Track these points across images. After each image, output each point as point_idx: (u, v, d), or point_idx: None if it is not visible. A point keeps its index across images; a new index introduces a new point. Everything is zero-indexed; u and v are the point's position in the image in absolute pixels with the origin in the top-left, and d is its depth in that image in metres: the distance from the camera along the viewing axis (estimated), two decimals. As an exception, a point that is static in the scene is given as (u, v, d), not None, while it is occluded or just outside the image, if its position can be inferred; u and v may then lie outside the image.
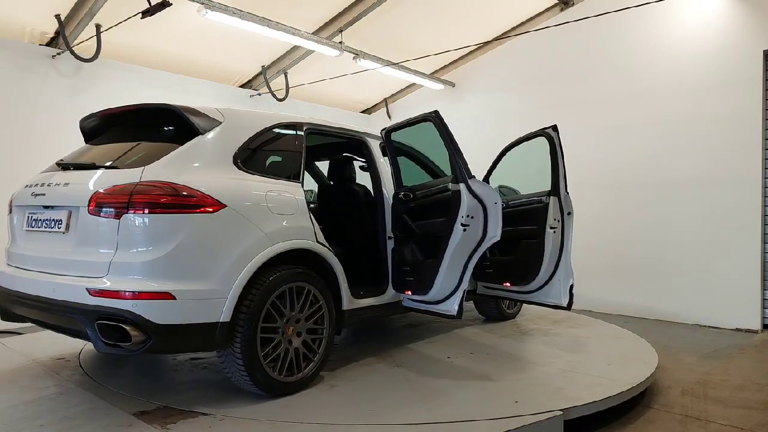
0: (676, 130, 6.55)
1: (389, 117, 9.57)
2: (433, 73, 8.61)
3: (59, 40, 6.04)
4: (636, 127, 6.88)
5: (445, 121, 3.58)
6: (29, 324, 3.34)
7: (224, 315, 2.79)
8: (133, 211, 2.70)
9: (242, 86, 8.07)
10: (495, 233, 3.50)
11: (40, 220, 3.15)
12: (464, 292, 3.50)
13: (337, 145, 4.83)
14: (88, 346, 4.14)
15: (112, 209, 2.75)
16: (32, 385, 3.32)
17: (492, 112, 8.34)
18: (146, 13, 5.36)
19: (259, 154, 3.25)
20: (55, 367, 3.64)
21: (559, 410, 2.93)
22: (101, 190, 2.81)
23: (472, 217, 3.43)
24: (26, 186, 3.35)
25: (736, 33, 6.15)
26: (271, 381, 3.00)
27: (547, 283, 4.36)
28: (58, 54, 6.17)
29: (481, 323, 5.14)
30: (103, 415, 2.80)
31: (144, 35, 6.39)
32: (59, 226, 3.00)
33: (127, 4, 5.56)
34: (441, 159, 4.83)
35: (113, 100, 6.55)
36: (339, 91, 8.71)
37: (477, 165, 5.26)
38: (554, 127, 4.40)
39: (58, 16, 5.80)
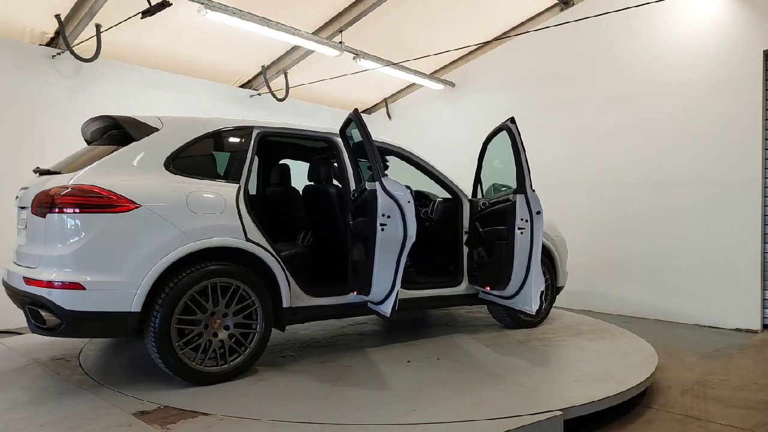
0: (676, 130, 6.55)
1: (389, 117, 9.58)
2: (433, 73, 8.62)
3: (59, 40, 6.04)
4: (636, 126, 6.88)
5: (363, 120, 3.57)
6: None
7: (134, 305, 3.04)
8: (54, 211, 3.07)
9: (242, 86, 8.08)
10: (412, 233, 3.47)
11: (20, 219, 3.57)
12: (397, 293, 3.48)
13: (311, 147, 4.86)
14: (88, 346, 4.18)
15: (42, 209, 3.14)
16: (32, 385, 3.32)
17: (492, 112, 8.31)
18: (146, 13, 5.36)
19: (192, 157, 3.48)
20: (55, 367, 3.64)
21: (559, 410, 2.93)
22: (39, 193, 3.21)
23: (389, 217, 3.41)
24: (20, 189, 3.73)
25: (736, 33, 6.15)
26: (187, 369, 3.20)
27: (521, 288, 4.18)
28: (58, 54, 6.17)
29: (494, 330, 4.82)
30: (103, 415, 2.79)
31: (144, 35, 6.39)
32: (23, 224, 3.43)
33: (127, 4, 5.56)
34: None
35: (113, 100, 6.60)
36: (339, 91, 8.71)
37: (475, 164, 5.26)
38: (512, 119, 4.19)
39: (58, 16, 5.80)
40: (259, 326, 3.45)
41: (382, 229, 3.39)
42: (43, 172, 3.52)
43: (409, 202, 3.45)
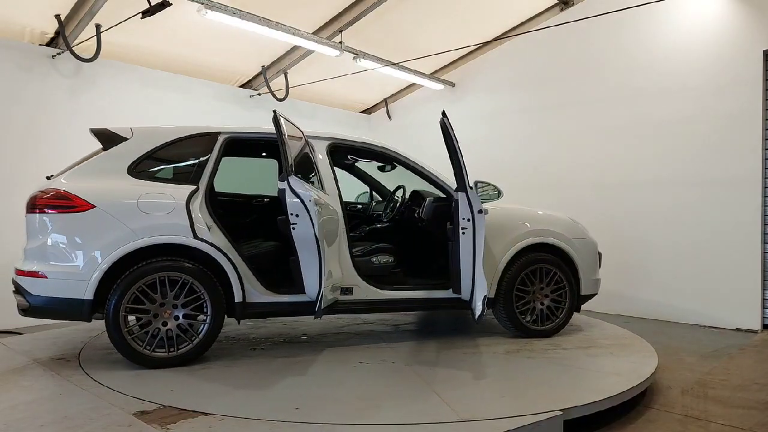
0: (676, 130, 6.55)
1: (389, 117, 9.58)
2: (433, 73, 8.61)
3: (59, 40, 6.04)
4: (636, 126, 6.88)
5: (280, 120, 3.60)
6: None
7: (87, 294, 3.47)
8: (34, 212, 3.60)
9: (242, 86, 8.08)
10: (318, 232, 3.49)
11: None
12: (322, 293, 3.52)
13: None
14: (88, 345, 4.18)
15: (26, 210, 3.65)
16: (32, 385, 3.32)
17: (492, 112, 8.34)
18: (146, 13, 5.37)
19: (155, 163, 3.88)
20: (55, 367, 3.64)
21: (559, 410, 2.93)
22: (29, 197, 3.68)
23: (298, 216, 3.45)
24: None
25: (736, 33, 6.15)
26: (135, 352, 3.55)
27: (472, 292, 3.96)
28: (58, 54, 6.17)
29: (496, 337, 4.54)
30: (103, 415, 2.79)
31: (144, 35, 6.39)
32: None
33: (127, 4, 5.56)
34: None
35: (113, 100, 6.61)
36: (339, 91, 8.72)
37: (476, 165, 5.27)
38: (443, 113, 4.03)
39: (58, 16, 5.80)
40: (209, 318, 3.68)
41: (294, 228, 3.47)
42: (48, 177, 3.90)
43: (310, 200, 3.45)
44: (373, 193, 5.82)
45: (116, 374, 3.48)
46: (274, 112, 3.65)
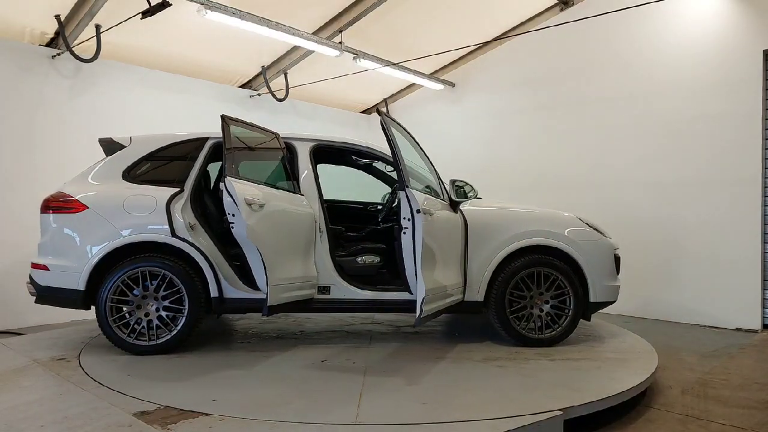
0: (676, 129, 6.55)
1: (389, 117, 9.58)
2: (433, 73, 8.61)
3: (59, 40, 6.03)
4: (636, 126, 6.88)
5: (229, 126, 3.85)
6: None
7: (80, 285, 3.91)
8: (44, 212, 4.06)
9: (242, 86, 8.07)
10: (247, 230, 3.52)
11: None
12: (268, 292, 3.58)
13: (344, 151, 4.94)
14: (88, 345, 4.20)
15: (40, 210, 4.10)
16: (32, 385, 3.32)
17: (492, 112, 8.35)
18: (146, 14, 5.36)
19: (144, 168, 4.24)
20: (55, 367, 3.65)
21: (559, 410, 2.93)
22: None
23: (234, 215, 3.53)
24: None
25: (736, 33, 6.15)
26: (121, 340, 3.92)
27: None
28: (58, 54, 6.16)
29: (490, 344, 4.34)
30: (103, 415, 2.79)
31: (144, 35, 6.39)
32: None
33: (127, 5, 5.56)
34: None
35: (113, 100, 6.61)
36: (339, 91, 8.72)
37: (476, 165, 5.27)
38: (377, 111, 3.96)
39: (58, 17, 5.80)
40: (186, 311, 3.96)
41: (232, 227, 3.55)
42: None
43: (240, 200, 3.49)
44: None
45: (117, 374, 3.48)
46: (222, 117, 3.84)
